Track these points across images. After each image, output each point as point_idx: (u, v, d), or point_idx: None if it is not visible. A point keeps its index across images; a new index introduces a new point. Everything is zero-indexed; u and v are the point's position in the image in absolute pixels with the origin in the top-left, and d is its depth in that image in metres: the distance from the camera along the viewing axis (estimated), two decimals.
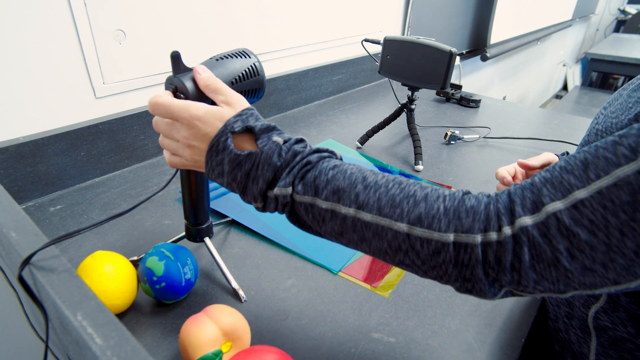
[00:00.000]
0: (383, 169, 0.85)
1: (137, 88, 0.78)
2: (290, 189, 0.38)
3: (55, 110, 0.69)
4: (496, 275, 0.32)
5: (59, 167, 0.69)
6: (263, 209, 0.40)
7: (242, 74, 0.46)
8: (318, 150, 0.40)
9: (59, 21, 0.65)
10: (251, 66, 0.47)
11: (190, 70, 0.44)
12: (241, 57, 0.47)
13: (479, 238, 0.32)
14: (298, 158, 0.38)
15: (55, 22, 0.64)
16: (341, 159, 0.41)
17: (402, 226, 0.34)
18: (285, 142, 0.39)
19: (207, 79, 0.43)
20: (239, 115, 0.40)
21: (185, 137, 0.41)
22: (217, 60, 0.46)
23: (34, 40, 0.63)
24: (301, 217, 0.39)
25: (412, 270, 0.36)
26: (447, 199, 0.35)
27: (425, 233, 0.34)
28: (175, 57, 0.43)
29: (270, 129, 0.40)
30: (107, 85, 0.74)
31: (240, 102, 0.42)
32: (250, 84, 0.47)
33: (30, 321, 0.44)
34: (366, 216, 0.36)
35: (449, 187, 0.78)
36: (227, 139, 0.39)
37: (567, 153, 0.79)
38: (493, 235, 0.32)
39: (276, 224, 0.65)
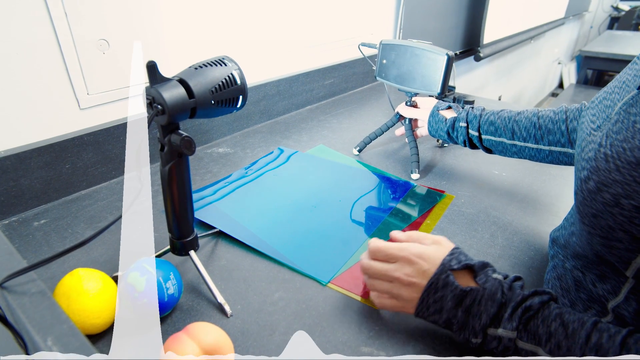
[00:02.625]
0: (382, 176, 0.83)
1: (123, 98, 0.77)
2: (515, 334, 0.40)
3: (38, 123, 0.67)
4: None
5: (43, 180, 0.68)
6: (480, 345, 0.41)
7: (222, 82, 0.45)
8: (536, 293, 0.42)
9: (39, 32, 0.63)
10: (230, 74, 0.45)
11: (169, 80, 0.43)
12: (220, 65, 0.45)
13: None
14: (519, 298, 0.41)
15: (36, 33, 0.63)
16: (557, 300, 0.43)
17: None
18: (504, 278, 0.43)
19: (407, 236, 0.49)
20: (451, 254, 0.45)
21: (407, 275, 0.44)
22: (195, 69, 0.45)
23: (13, 52, 0.62)
24: (518, 354, 0.41)
25: None
26: None
27: None
28: (152, 67, 0.41)
29: (485, 266, 0.44)
30: (91, 96, 0.72)
31: (447, 241, 0.47)
32: (230, 92, 0.46)
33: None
34: None
35: (442, 192, 0.77)
36: (449, 276, 0.43)
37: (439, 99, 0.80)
38: None
39: (264, 234, 0.63)
